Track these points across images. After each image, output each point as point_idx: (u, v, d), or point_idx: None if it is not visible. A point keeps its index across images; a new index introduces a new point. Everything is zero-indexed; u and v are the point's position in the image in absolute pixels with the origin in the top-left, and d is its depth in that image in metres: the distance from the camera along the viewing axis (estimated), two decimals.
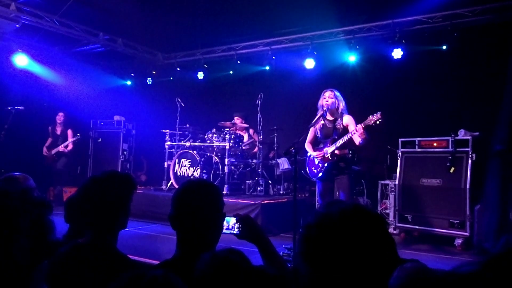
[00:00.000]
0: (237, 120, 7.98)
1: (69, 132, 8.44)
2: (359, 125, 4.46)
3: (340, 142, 4.62)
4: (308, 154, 5.04)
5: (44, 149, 8.37)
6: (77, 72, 9.22)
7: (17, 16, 7.03)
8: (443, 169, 5.63)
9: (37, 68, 8.58)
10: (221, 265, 1.21)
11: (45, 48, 8.61)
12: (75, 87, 9.29)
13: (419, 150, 6.00)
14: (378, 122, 4.37)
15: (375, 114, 4.40)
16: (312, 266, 0.94)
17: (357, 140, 4.54)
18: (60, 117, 8.50)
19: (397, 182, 6.09)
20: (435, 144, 5.85)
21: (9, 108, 6.98)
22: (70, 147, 8.39)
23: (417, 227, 5.83)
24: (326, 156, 4.75)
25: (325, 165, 4.79)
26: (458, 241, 5.40)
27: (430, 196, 5.72)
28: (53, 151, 8.30)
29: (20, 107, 7.04)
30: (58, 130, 8.50)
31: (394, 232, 6.05)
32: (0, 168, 6.25)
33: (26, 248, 0.81)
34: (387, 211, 6.38)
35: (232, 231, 1.84)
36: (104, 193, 1.75)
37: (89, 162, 9.29)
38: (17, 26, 7.17)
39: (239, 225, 1.83)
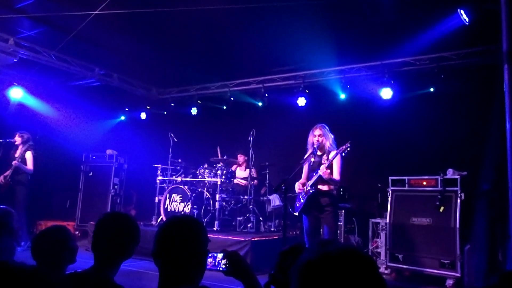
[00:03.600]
0: (240, 157, 8.20)
1: (29, 154, 7.05)
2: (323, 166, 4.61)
3: (319, 172, 4.66)
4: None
5: (1, 177, 6.98)
6: (72, 105, 9.29)
7: (15, 51, 7.15)
8: (432, 208, 5.65)
9: (31, 101, 8.64)
10: None
11: (41, 81, 8.71)
12: (69, 121, 9.33)
13: (408, 188, 6.04)
14: (347, 151, 4.54)
15: (345, 144, 4.58)
16: None
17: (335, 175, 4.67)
18: (17, 137, 7.12)
19: (387, 221, 6.09)
20: (424, 183, 5.91)
21: (0, 140, 6.98)
22: (29, 165, 6.99)
23: (408, 266, 5.78)
24: (307, 189, 4.78)
25: (305, 197, 4.80)
26: (450, 282, 5.35)
27: (421, 235, 5.71)
28: (8, 176, 6.93)
29: (12, 140, 7.04)
30: (16, 152, 7.10)
31: (386, 271, 5.98)
32: None
33: None
34: (378, 250, 6.33)
35: (218, 267, 1.83)
36: (121, 231, 1.99)
37: (79, 196, 9.17)
38: (15, 60, 7.28)
39: (226, 261, 1.82)
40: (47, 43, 7.38)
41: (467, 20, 5.35)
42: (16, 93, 8.10)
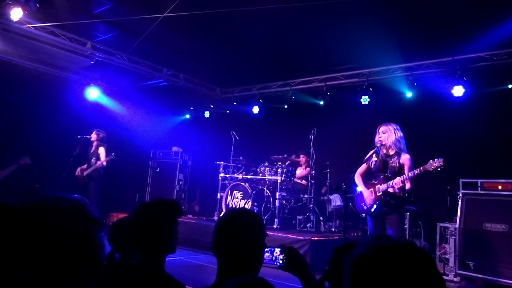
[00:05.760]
0: (303, 158, 8.13)
1: (102, 149, 7.46)
2: (408, 173, 4.33)
3: (391, 183, 4.46)
4: (358, 189, 4.88)
5: (78, 169, 7.50)
6: (141, 104, 9.83)
7: (92, 54, 7.71)
8: (509, 213, 5.23)
9: (106, 101, 9.26)
10: None
11: (114, 82, 9.30)
12: (139, 119, 9.87)
13: (482, 192, 5.64)
14: (439, 169, 4.17)
15: (437, 160, 4.19)
16: None
17: (407, 185, 4.42)
18: (94, 134, 7.60)
19: (457, 226, 5.73)
20: (499, 187, 5.47)
21: (78, 136, 7.54)
22: (103, 163, 7.40)
23: (480, 275, 5.39)
24: (379, 194, 4.58)
25: (376, 203, 4.62)
26: None
27: (495, 243, 5.30)
28: (85, 172, 7.42)
29: (88, 136, 7.58)
30: (92, 148, 7.60)
31: (455, 279, 5.64)
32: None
33: (73, 267, 0.85)
34: (447, 256, 5.98)
35: (276, 263, 1.83)
36: (150, 217, 1.91)
37: (147, 190, 9.69)
38: (92, 62, 7.86)
39: (283, 256, 1.82)
40: (120, 46, 7.87)
41: None
42: (93, 93, 8.72)
